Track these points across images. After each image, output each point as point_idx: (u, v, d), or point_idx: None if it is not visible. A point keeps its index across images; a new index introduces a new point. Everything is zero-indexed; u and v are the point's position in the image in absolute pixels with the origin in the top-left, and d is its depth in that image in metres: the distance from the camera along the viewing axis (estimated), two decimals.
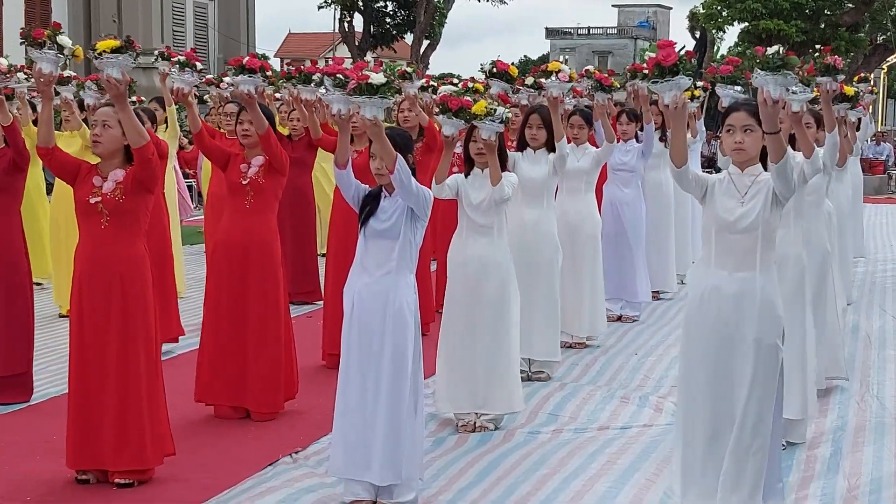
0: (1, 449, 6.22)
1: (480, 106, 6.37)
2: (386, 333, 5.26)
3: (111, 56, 5.41)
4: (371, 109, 5.17)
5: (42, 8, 27.98)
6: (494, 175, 6.45)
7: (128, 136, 5.47)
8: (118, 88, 5.38)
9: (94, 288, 5.53)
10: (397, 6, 42.65)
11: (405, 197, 5.26)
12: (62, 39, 6.39)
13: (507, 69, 8.02)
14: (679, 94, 4.81)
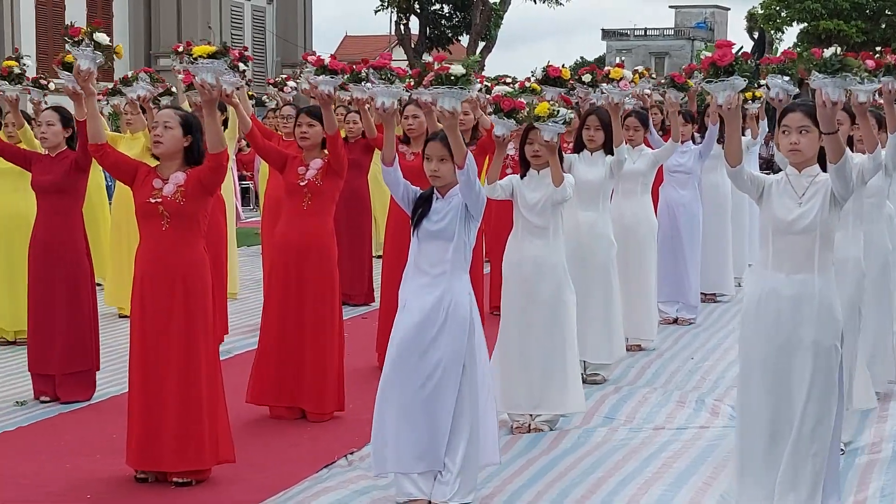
0: (62, 447, 6.32)
1: (543, 107, 6.37)
2: (441, 335, 5.27)
3: (207, 61, 5.45)
4: (450, 100, 5.18)
5: (104, 12, 28.38)
6: (556, 176, 6.44)
7: (209, 141, 5.51)
8: (210, 94, 5.43)
9: (156, 289, 5.59)
10: (453, 8, 42.72)
11: (467, 193, 5.26)
12: (99, 36, 6.48)
13: (559, 74, 7.99)
14: (733, 95, 4.78)
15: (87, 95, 6.23)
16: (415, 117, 8.34)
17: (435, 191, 5.40)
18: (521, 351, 6.58)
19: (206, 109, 5.48)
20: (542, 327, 6.57)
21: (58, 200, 7.24)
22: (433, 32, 42.85)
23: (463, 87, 5.21)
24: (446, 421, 5.25)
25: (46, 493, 5.56)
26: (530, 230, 6.60)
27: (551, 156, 6.44)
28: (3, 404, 7.22)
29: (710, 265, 10.77)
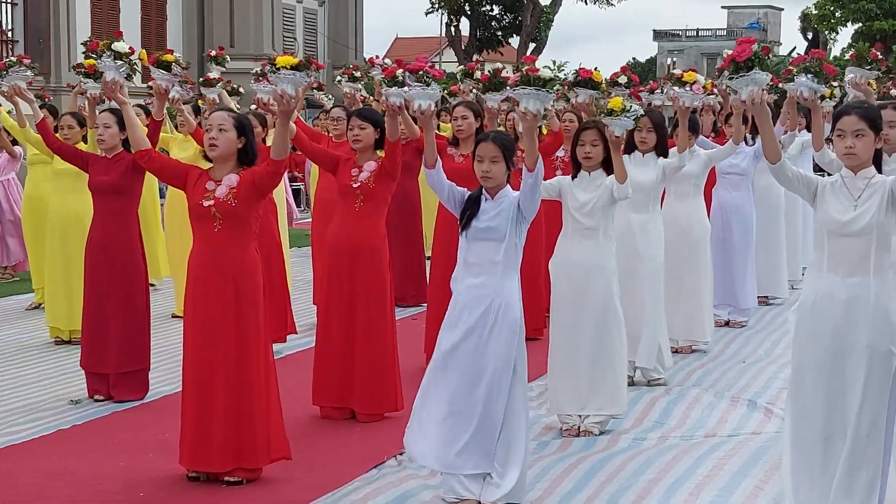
0: (116, 446, 6.38)
1: (617, 102, 6.36)
2: (492, 335, 5.26)
3: (289, 72, 5.49)
4: (534, 102, 5.16)
5: (158, 16, 28.67)
6: (620, 172, 6.42)
7: (274, 149, 5.54)
8: (288, 104, 5.47)
9: (208, 291, 5.63)
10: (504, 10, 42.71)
11: (529, 196, 5.24)
12: (117, 46, 6.56)
13: (590, 76, 7.95)
14: (756, 90, 4.74)
15: (120, 105, 6.32)
16: (464, 118, 8.34)
17: (484, 191, 5.39)
18: (570, 352, 6.57)
19: (281, 119, 5.51)
20: (591, 328, 6.55)
21: (114, 201, 7.32)
22: (483, 34, 42.86)
23: (549, 91, 5.19)
24: (497, 422, 5.25)
25: (100, 491, 5.62)
26: (580, 231, 6.58)
27: (615, 152, 6.43)
28: (59, 403, 7.31)
29: (763, 268, 10.67)
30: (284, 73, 5.49)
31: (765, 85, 4.79)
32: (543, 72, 5.20)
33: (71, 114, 9.27)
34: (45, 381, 7.96)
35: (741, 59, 4.76)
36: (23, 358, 8.70)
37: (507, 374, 5.27)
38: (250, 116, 8.52)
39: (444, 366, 5.33)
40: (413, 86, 5.60)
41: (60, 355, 8.72)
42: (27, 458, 6.12)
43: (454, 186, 5.51)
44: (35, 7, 24.66)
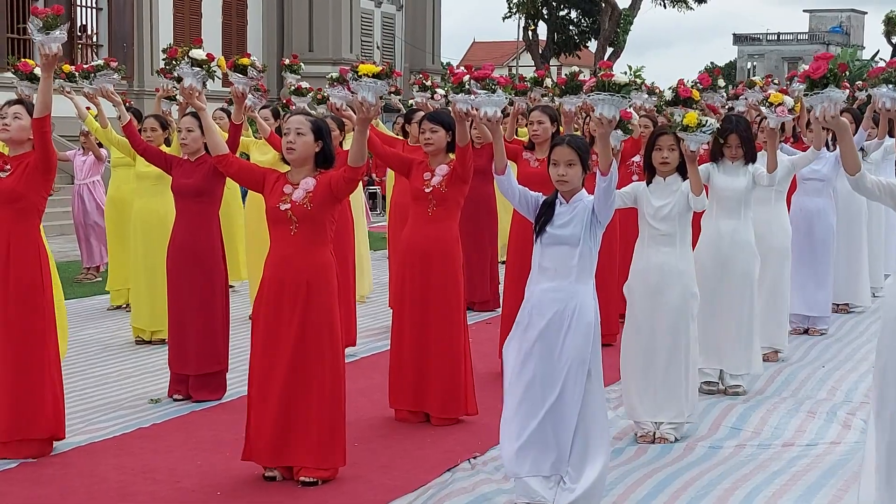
0: (194, 444, 6.48)
1: (692, 117, 6.32)
2: (566, 339, 5.25)
3: (370, 80, 5.54)
4: (609, 108, 5.16)
5: (238, 21, 29.03)
6: (696, 185, 6.40)
7: (352, 155, 5.58)
8: (368, 112, 5.53)
9: (281, 293, 5.69)
10: (581, 14, 42.54)
11: (604, 200, 5.22)
12: (195, 53, 6.65)
13: (689, 95, 7.88)
14: (830, 106, 4.70)
15: (198, 111, 6.44)
16: (539, 123, 8.32)
17: (558, 195, 5.38)
18: (645, 358, 6.54)
19: (359, 126, 5.56)
20: (667, 334, 6.51)
21: (196, 204, 7.43)
22: (561, 38, 42.72)
23: (624, 97, 5.17)
24: (569, 426, 5.24)
25: (178, 488, 5.71)
26: (656, 238, 6.55)
27: (691, 165, 6.39)
28: (139, 401, 7.45)
29: (845, 275, 10.51)
30: (366, 81, 5.53)
31: (840, 102, 4.74)
32: (619, 77, 5.18)
33: (154, 117, 9.43)
34: (127, 379, 8.11)
35: (816, 76, 4.73)
36: (105, 357, 8.87)
37: (581, 377, 5.25)
38: (328, 120, 8.62)
39: (518, 371, 5.33)
40: (479, 93, 5.61)
41: (141, 355, 8.88)
42: (109, 455, 6.24)
43: (526, 191, 5.51)
44: (119, 12, 25.09)
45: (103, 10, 25.14)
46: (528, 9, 40.89)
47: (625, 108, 5.29)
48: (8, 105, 6.24)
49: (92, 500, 5.53)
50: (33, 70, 8.56)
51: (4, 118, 6.16)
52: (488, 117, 5.58)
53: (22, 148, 6.18)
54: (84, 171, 12.79)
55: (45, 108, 5.98)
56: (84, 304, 11.32)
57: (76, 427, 6.70)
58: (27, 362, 6.05)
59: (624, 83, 5.16)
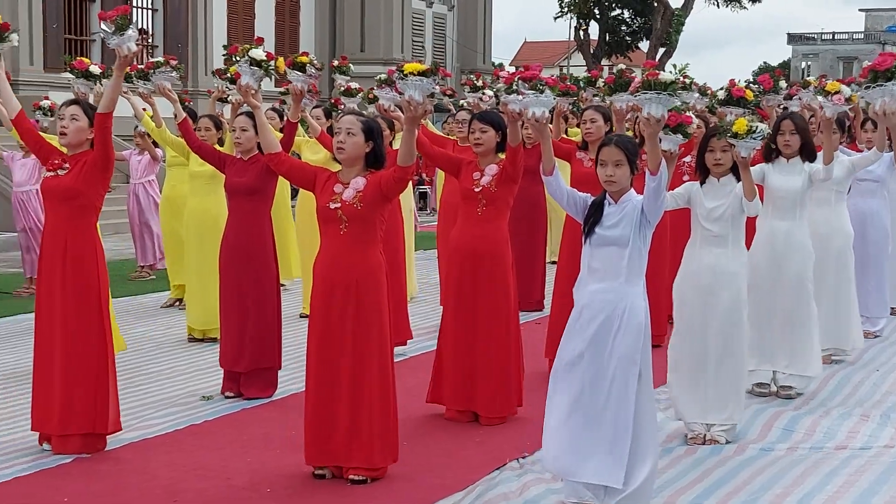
0: (245, 441, 6.53)
1: (741, 124, 6.27)
2: (616, 341, 5.22)
3: (416, 79, 5.56)
4: (657, 107, 5.13)
5: (291, 21, 29.20)
6: (749, 190, 6.34)
7: (401, 155, 5.60)
8: (416, 110, 5.54)
9: (333, 292, 5.72)
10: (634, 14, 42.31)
11: (653, 200, 5.19)
12: (254, 53, 6.69)
13: (742, 95, 7.79)
14: (890, 101, 4.64)
15: (253, 109, 6.50)
16: (592, 121, 8.30)
17: (607, 196, 5.36)
18: (695, 359, 6.50)
19: (408, 125, 5.58)
20: (718, 336, 6.47)
21: (248, 202, 7.48)
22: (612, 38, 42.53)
23: (671, 94, 5.15)
24: (622, 428, 5.20)
25: (229, 485, 5.76)
26: (708, 239, 6.50)
27: (744, 171, 6.33)
28: (191, 398, 7.52)
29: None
30: (412, 80, 5.54)
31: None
32: (664, 75, 5.15)
33: (208, 116, 9.52)
34: (179, 377, 8.19)
35: (882, 69, 4.68)
36: (158, 354, 8.97)
37: (633, 379, 5.22)
38: (379, 120, 8.64)
39: (568, 372, 5.30)
40: (526, 94, 5.60)
41: (194, 352, 8.96)
42: (161, 452, 6.30)
43: (574, 192, 5.49)
44: (174, 13, 25.34)
45: (159, 12, 25.41)
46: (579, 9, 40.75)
47: (672, 106, 5.25)
48: (65, 106, 6.32)
49: (143, 496, 5.59)
50: (88, 68, 8.66)
51: (62, 120, 6.24)
52: (536, 118, 5.58)
53: (80, 148, 6.26)
54: (139, 171, 12.94)
55: (111, 105, 6.07)
56: (138, 301, 11.45)
57: (129, 423, 6.77)
58: (82, 358, 6.13)
59: (670, 81, 5.13)
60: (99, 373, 6.17)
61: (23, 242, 11.66)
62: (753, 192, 6.34)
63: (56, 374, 6.13)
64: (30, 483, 5.74)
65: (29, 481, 5.77)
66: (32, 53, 21.91)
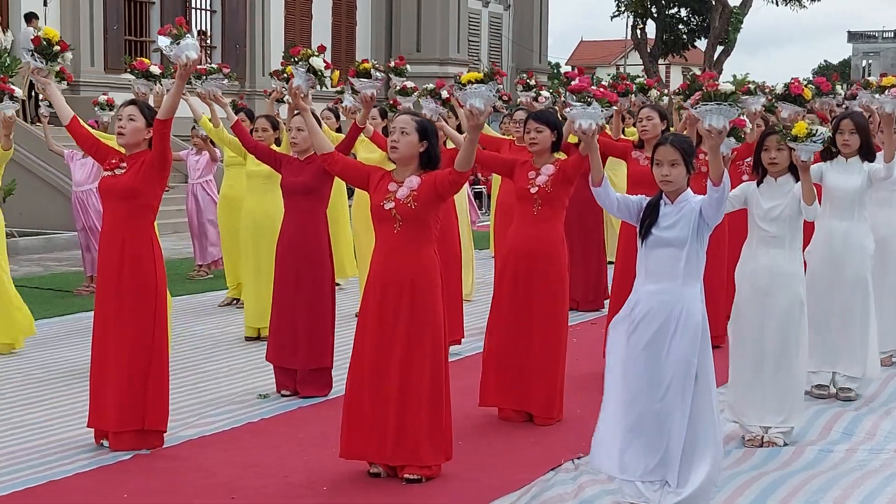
0: (301, 439, 6.58)
1: (801, 127, 6.21)
2: (673, 343, 5.19)
3: (475, 87, 5.55)
4: (718, 119, 5.09)
5: (347, 21, 29.33)
6: (808, 194, 6.27)
7: (460, 160, 5.58)
8: (478, 118, 5.54)
9: (386, 291, 5.73)
10: (691, 12, 41.97)
11: (716, 208, 5.14)
12: (315, 61, 6.70)
13: (800, 93, 7.70)
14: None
15: (302, 112, 6.53)
16: (648, 119, 8.25)
17: (663, 196, 5.32)
18: (752, 361, 6.45)
19: (471, 133, 5.57)
20: (776, 337, 6.40)
21: (305, 202, 7.52)
22: (669, 37, 42.22)
23: (732, 105, 5.10)
24: (677, 429, 5.18)
25: (286, 483, 5.80)
26: (765, 240, 6.44)
27: (804, 174, 6.26)
28: (248, 397, 7.58)
29: None
30: (472, 89, 5.53)
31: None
32: (724, 86, 5.11)
33: (265, 117, 9.59)
34: (236, 375, 8.26)
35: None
36: (215, 352, 9.05)
37: (689, 381, 5.18)
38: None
39: (624, 373, 5.28)
40: (574, 105, 5.56)
41: (251, 351, 9.03)
42: (218, 449, 6.37)
43: (625, 198, 5.44)
44: (233, 14, 25.56)
45: (217, 13, 25.65)
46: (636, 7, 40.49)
47: (733, 117, 5.20)
48: (123, 106, 6.40)
49: (201, 493, 5.65)
50: (149, 68, 8.74)
51: (120, 120, 6.32)
52: (583, 129, 5.55)
53: (137, 148, 6.33)
54: (198, 171, 13.07)
55: (171, 113, 6.14)
56: (196, 300, 11.56)
57: (187, 421, 6.85)
58: (136, 357, 6.19)
59: (730, 92, 5.09)
60: (153, 371, 6.24)
61: (82, 241, 11.82)
62: (813, 197, 6.25)
63: (111, 371, 6.21)
64: (91, 479, 5.83)
65: (90, 477, 5.85)
66: (93, 55, 22.21)
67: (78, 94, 21.66)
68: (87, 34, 22.10)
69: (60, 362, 8.61)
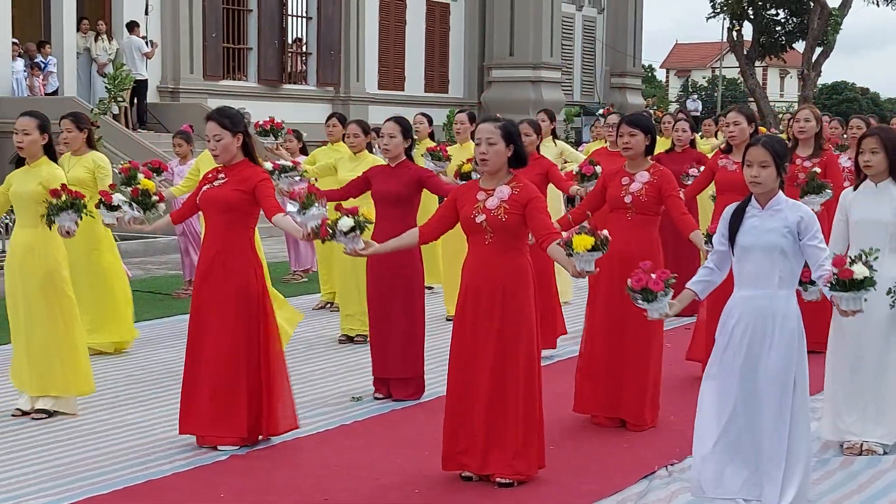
0: (394, 441, 6.63)
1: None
2: (770, 349, 5.10)
3: (589, 254, 5.29)
4: (855, 303, 4.97)
5: (441, 26, 29.45)
6: None
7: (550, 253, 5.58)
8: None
9: (478, 299, 5.74)
10: (789, 14, 41.24)
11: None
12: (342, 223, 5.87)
13: None
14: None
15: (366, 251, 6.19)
16: (735, 124, 8.16)
17: (752, 199, 5.22)
18: (852, 368, 6.31)
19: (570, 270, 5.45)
20: (874, 346, 6.26)
21: (396, 209, 7.55)
22: (767, 39, 41.54)
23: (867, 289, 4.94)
24: (777, 443, 5.08)
25: (379, 484, 5.85)
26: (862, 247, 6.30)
27: None
28: (342, 399, 7.66)
29: None
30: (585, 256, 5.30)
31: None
32: (858, 271, 4.91)
33: (357, 122, 9.68)
34: (331, 377, 8.35)
35: None
36: (311, 355, 9.16)
37: (788, 389, 5.09)
38: (525, 123, 8.66)
39: (720, 382, 5.20)
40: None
41: (345, 353, 9.12)
42: (312, 450, 6.45)
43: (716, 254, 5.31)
44: (328, 21, 25.81)
45: (312, 20, 25.93)
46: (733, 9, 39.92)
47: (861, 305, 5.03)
48: (205, 123, 6.42)
49: (296, 492, 5.73)
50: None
51: (209, 143, 6.40)
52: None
53: (233, 160, 6.41)
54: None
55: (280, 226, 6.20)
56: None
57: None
58: (232, 364, 6.31)
59: (864, 277, 4.91)
60: (252, 379, 6.34)
61: (181, 246, 12.05)
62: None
63: (204, 379, 6.33)
64: (189, 478, 5.94)
65: (188, 476, 5.97)
66: (192, 62, 22.63)
67: (178, 101, 22.11)
68: (186, 42, 22.52)
69: (160, 364, 8.79)
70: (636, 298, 5.14)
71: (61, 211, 6.81)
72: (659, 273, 5.10)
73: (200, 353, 6.36)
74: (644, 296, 5.09)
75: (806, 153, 8.65)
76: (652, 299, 5.09)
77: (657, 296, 5.07)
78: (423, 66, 28.98)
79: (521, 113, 22.42)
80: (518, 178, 5.79)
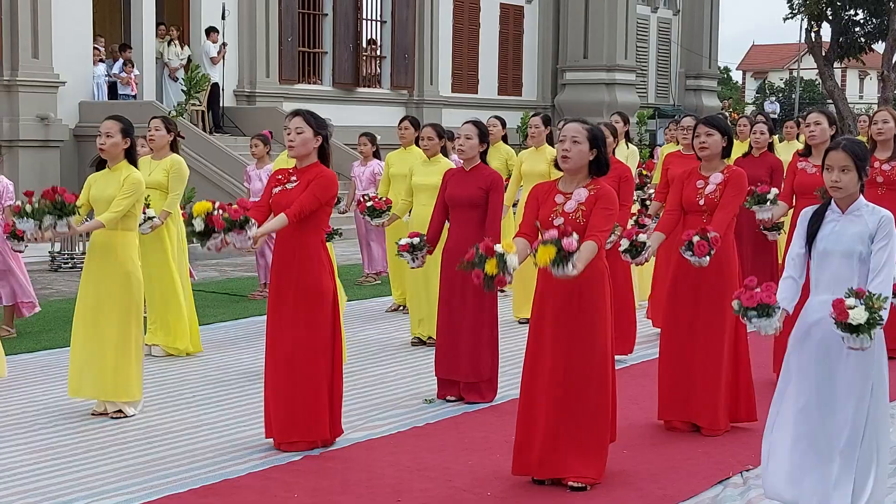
0: (466, 444, 6.63)
1: None
2: (849, 355, 4.97)
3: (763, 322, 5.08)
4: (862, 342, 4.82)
5: (515, 29, 29.43)
6: None
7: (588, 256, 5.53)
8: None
9: (554, 303, 5.72)
10: (868, 14, 40.53)
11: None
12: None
13: None
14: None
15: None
16: (817, 124, 8.04)
17: (832, 203, 5.14)
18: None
19: None
20: None
21: (470, 213, 7.57)
22: (845, 40, 40.86)
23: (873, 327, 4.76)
24: (850, 451, 4.98)
25: (451, 486, 5.86)
26: None
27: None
28: (414, 401, 7.69)
29: None
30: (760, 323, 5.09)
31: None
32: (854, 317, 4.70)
33: (431, 125, 9.71)
34: (403, 379, 8.38)
35: None
36: (383, 357, 9.20)
37: (865, 396, 4.99)
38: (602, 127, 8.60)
39: (796, 388, 5.11)
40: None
41: (417, 356, 9.15)
42: (385, 452, 6.48)
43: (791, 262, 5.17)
44: (402, 24, 25.93)
45: (387, 23, 26.05)
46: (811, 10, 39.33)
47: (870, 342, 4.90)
48: (289, 118, 6.44)
49: (369, 493, 5.76)
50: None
51: (288, 133, 6.40)
52: None
53: (307, 160, 6.43)
54: (364, 182, 13.30)
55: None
56: (364, 305, 11.77)
57: (355, 424, 6.99)
58: (305, 370, 6.33)
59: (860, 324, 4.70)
60: (321, 384, 6.36)
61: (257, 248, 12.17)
62: None
63: (281, 383, 6.36)
64: (263, 478, 6.00)
65: (262, 476, 6.03)
66: (269, 66, 22.86)
67: (254, 105, 22.34)
68: (262, 46, 22.76)
69: (235, 364, 8.89)
70: (750, 317, 5.00)
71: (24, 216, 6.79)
72: (764, 286, 4.96)
73: (276, 357, 6.40)
74: (760, 312, 4.97)
75: (885, 155, 8.51)
76: (771, 314, 4.96)
77: (774, 309, 4.96)
78: (497, 68, 28.97)
79: (595, 116, 22.33)
80: (596, 180, 5.76)
